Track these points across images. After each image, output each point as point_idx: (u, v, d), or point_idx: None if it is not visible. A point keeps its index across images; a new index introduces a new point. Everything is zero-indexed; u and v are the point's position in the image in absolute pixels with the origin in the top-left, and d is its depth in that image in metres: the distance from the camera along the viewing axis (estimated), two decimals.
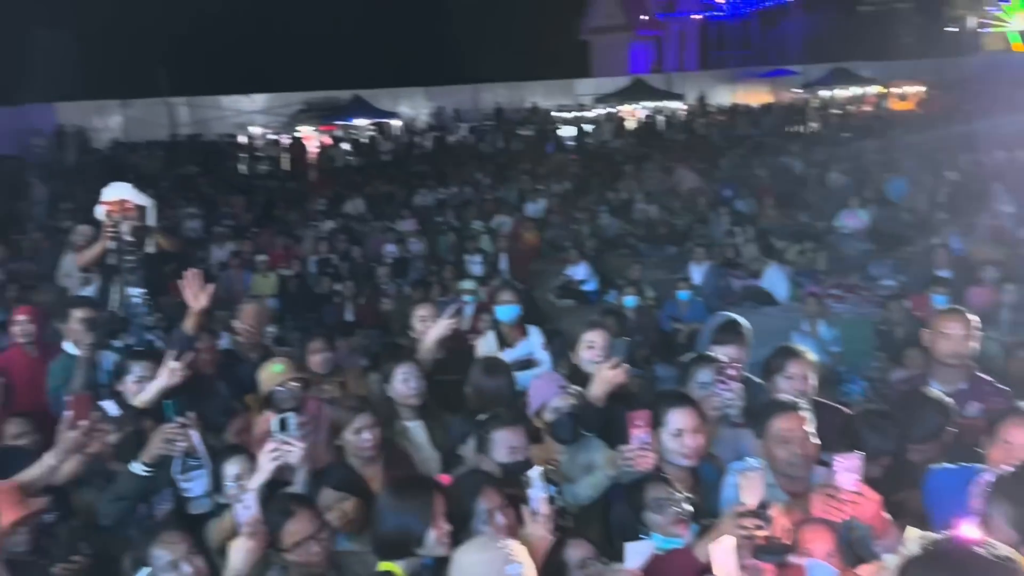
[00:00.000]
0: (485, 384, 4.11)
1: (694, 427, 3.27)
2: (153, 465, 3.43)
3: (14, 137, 24.05)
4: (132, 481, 3.40)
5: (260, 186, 19.65)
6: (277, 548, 2.85)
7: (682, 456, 3.25)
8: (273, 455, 3.05)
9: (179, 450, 3.42)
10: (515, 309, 5.25)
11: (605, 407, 3.64)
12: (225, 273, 11.97)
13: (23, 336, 5.37)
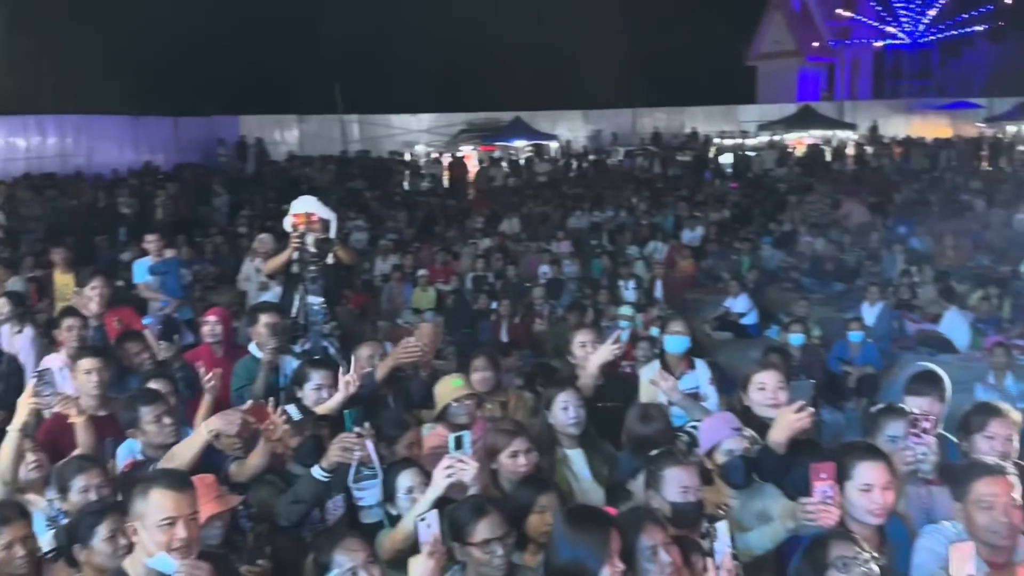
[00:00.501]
0: (640, 430, 4.01)
1: (884, 483, 3.05)
2: (330, 471, 3.55)
3: (202, 147, 26.06)
4: (311, 485, 3.54)
5: (422, 202, 20.31)
6: (463, 542, 2.89)
7: (870, 513, 3.04)
8: (448, 472, 3.09)
9: (355, 459, 3.53)
10: (685, 341, 5.13)
11: (784, 456, 3.47)
12: (387, 285, 12.45)
13: (211, 336, 5.74)
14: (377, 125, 29.10)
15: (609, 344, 4.54)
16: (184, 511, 2.71)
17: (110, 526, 2.86)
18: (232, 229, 16.72)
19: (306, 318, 5.89)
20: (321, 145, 27.41)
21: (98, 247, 13.63)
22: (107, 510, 2.91)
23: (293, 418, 3.82)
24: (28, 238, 14.27)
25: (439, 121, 29.34)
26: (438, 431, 4.12)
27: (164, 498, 2.70)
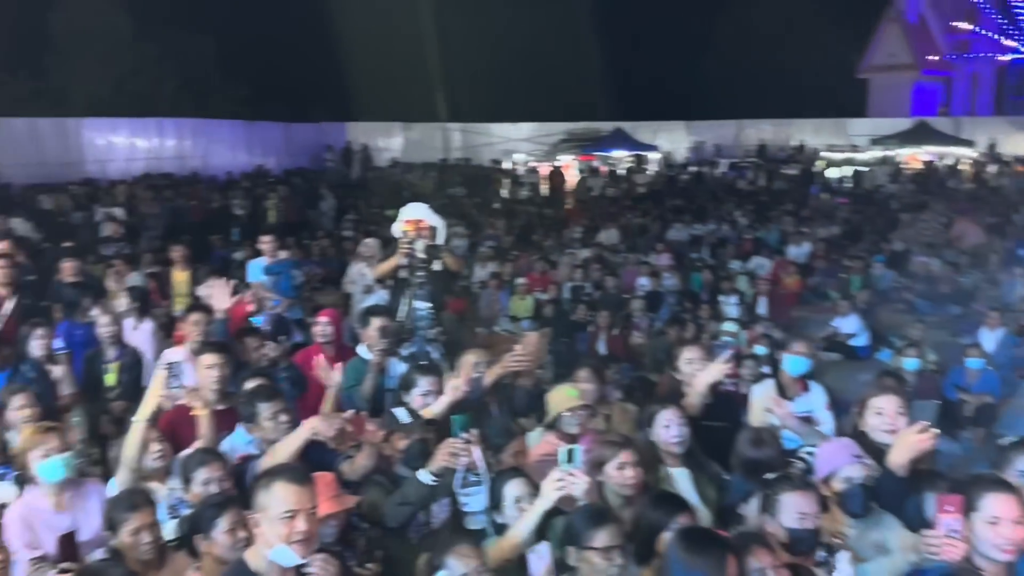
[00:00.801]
0: (752, 454, 3.91)
1: (1015, 517, 2.89)
2: (437, 475, 3.59)
3: (311, 152, 26.91)
4: (418, 488, 3.58)
5: (520, 211, 20.41)
6: (580, 547, 2.89)
7: (998, 548, 2.88)
8: (558, 485, 3.08)
9: (462, 464, 3.56)
10: (806, 363, 4.98)
11: (904, 482, 3.33)
12: (484, 292, 12.56)
13: (323, 336, 5.90)
14: (478, 134, 29.45)
15: (720, 363, 4.45)
16: (305, 505, 2.78)
17: (231, 519, 2.96)
18: (337, 232, 17.21)
19: (412, 322, 5.99)
20: (423, 152, 27.92)
21: (212, 246, 14.22)
22: (228, 503, 3.01)
23: (401, 421, 3.89)
24: (147, 235, 15.01)
25: (539, 130, 29.46)
26: (548, 439, 4.11)
27: (286, 491, 2.78)
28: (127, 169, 21.20)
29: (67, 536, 3.05)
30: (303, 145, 27.09)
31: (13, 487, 3.97)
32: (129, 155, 22.36)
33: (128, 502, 3.27)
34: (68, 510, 3.73)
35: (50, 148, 20.43)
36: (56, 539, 3.50)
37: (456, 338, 6.58)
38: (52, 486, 3.71)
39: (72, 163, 20.65)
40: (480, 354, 5.14)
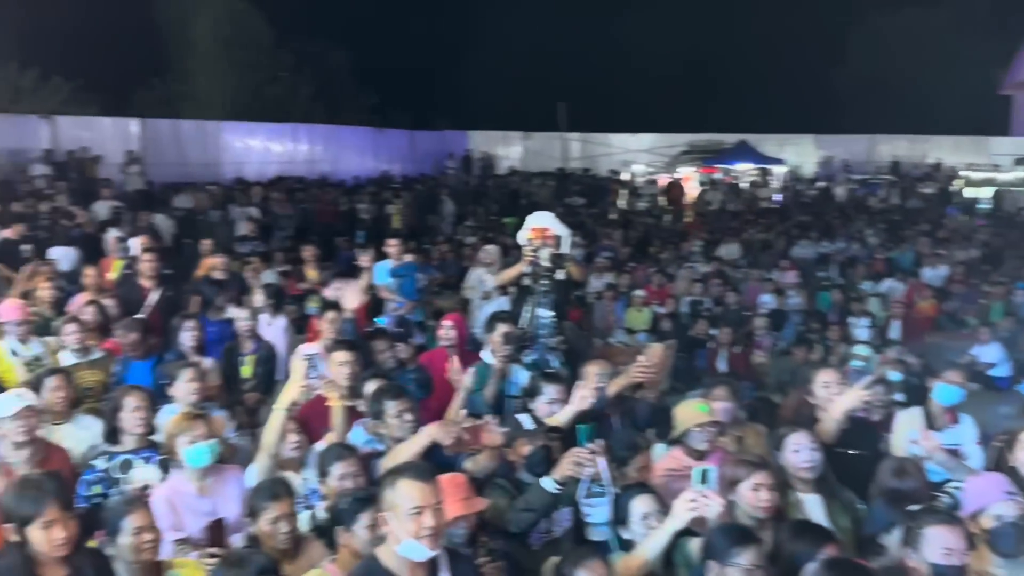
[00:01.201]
0: (894, 484, 3.72)
1: None
2: (561, 484, 3.58)
3: (433, 159, 27.53)
4: (541, 495, 3.59)
5: (638, 222, 20.23)
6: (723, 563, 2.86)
7: None
8: (691, 506, 3.02)
9: (587, 475, 3.54)
10: (960, 392, 4.72)
11: None
12: (599, 303, 12.48)
13: (446, 340, 6.01)
14: (597, 144, 29.39)
15: (859, 389, 4.27)
16: (430, 500, 2.83)
17: (372, 515, 3.04)
18: (457, 238, 17.51)
19: (534, 330, 6.02)
20: (542, 161, 28.08)
21: (338, 248, 14.72)
22: (371, 499, 3.08)
23: (525, 427, 3.91)
24: (279, 235, 15.70)
25: (660, 141, 29.14)
26: (674, 454, 4.05)
27: (412, 488, 2.84)
28: (262, 171, 22.21)
29: (216, 523, 3.19)
30: (426, 152, 27.75)
31: (156, 470, 4.20)
32: (264, 158, 23.44)
33: (270, 491, 3.40)
34: (210, 495, 3.90)
35: (191, 149, 21.65)
36: (203, 524, 3.70)
37: (576, 347, 6.56)
38: (196, 471, 3.89)
39: (210, 164, 21.82)
40: (603, 365, 5.11)
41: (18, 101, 20.44)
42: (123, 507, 3.23)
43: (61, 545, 2.84)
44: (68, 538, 2.86)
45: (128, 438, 4.27)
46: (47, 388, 4.71)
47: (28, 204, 13.19)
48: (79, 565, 2.92)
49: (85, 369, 5.62)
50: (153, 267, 7.67)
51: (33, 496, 2.87)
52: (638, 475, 3.76)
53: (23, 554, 2.83)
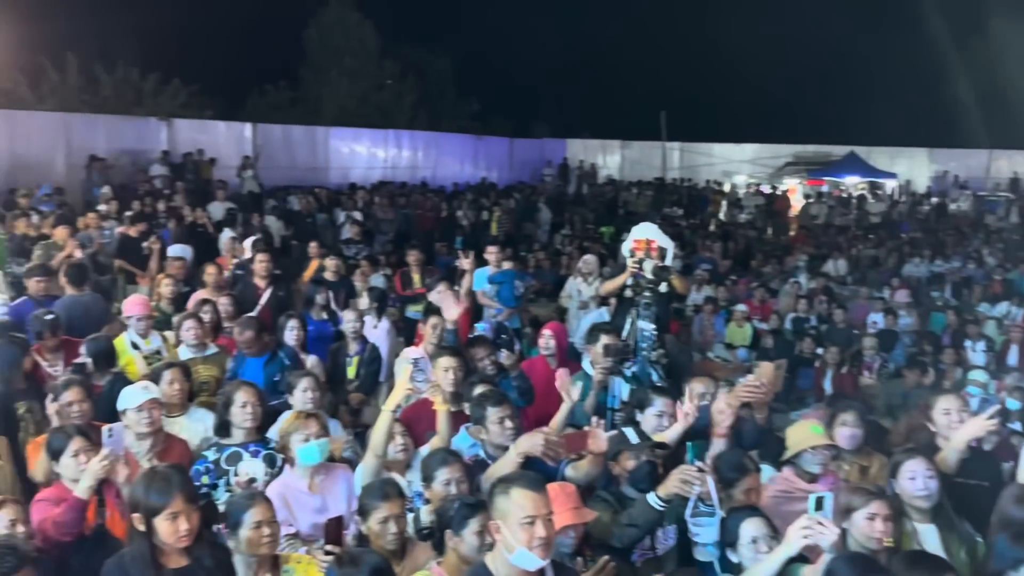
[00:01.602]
0: (1015, 515, 3.52)
1: None
2: (666, 501, 3.53)
3: (532, 166, 27.69)
4: (645, 512, 3.54)
5: (739, 235, 19.82)
6: None
7: None
8: (805, 533, 2.93)
9: (694, 494, 3.48)
10: None
11: None
12: (698, 317, 12.27)
13: (546, 349, 6.02)
14: (698, 153, 28.97)
15: (985, 419, 4.06)
16: (542, 511, 2.84)
17: (481, 521, 3.07)
18: (553, 246, 17.54)
19: (635, 343, 5.96)
20: (641, 171, 27.87)
21: (437, 253, 14.95)
22: (481, 505, 3.11)
23: (631, 441, 3.87)
24: (380, 239, 16.06)
25: (763, 152, 28.50)
26: (785, 476, 3.95)
27: (524, 498, 2.85)
28: (366, 176, 22.80)
29: (335, 520, 3.26)
30: (525, 160, 27.94)
31: (262, 464, 4.34)
32: (368, 163, 24.05)
33: (381, 491, 3.46)
34: (320, 492, 4.01)
35: (300, 153, 22.41)
36: (313, 521, 3.81)
37: (678, 362, 6.47)
38: (308, 468, 4.01)
39: (318, 168, 22.54)
40: (706, 382, 5.02)
41: (139, 104, 21.55)
42: (244, 501, 3.34)
43: (185, 536, 2.96)
44: (191, 529, 2.98)
45: (237, 431, 4.43)
46: (164, 381, 4.92)
47: (146, 203, 13.88)
48: (199, 556, 3.03)
49: (200, 364, 5.87)
50: (266, 267, 7.97)
51: (161, 488, 2.99)
52: (745, 497, 3.67)
53: (149, 543, 2.96)
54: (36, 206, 12.90)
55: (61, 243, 8.95)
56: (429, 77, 29.02)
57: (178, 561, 2.98)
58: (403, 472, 4.21)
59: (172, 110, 21.21)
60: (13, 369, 5.06)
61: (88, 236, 10.04)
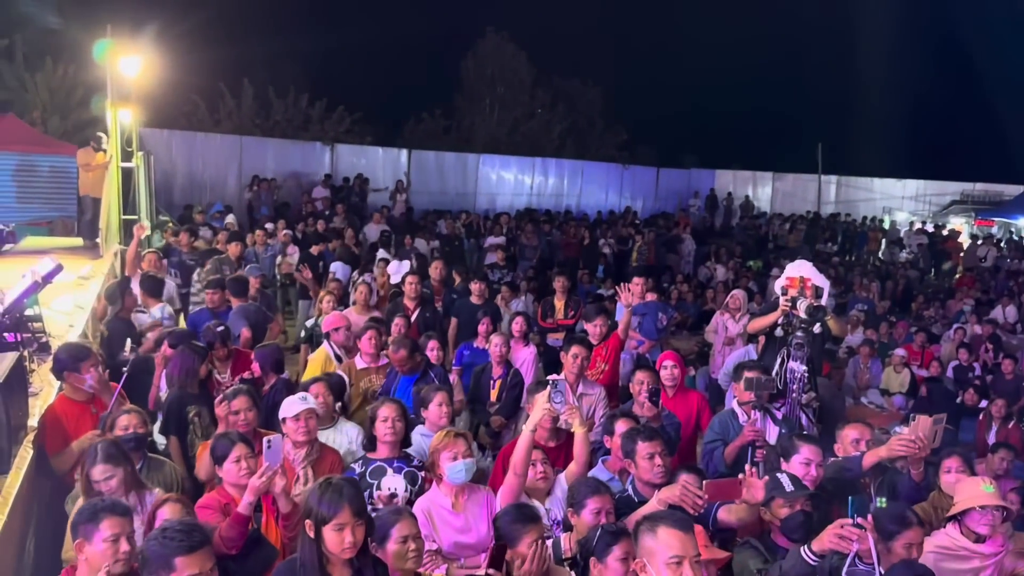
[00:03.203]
0: None
1: None
2: (820, 556, 3.38)
3: (678, 197, 27.35)
4: (798, 565, 3.39)
5: (899, 275, 18.82)
6: None
7: None
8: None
9: (853, 550, 3.30)
10: None
11: None
12: (853, 359, 11.71)
13: (670, 380, 5.92)
14: (856, 188, 27.74)
15: None
16: (689, 552, 2.81)
17: (624, 548, 3.05)
18: (696, 279, 17.23)
19: (785, 384, 5.75)
20: (794, 204, 26.97)
21: (580, 281, 14.99)
22: (623, 533, 3.09)
23: (785, 488, 3.73)
24: (523, 265, 16.28)
25: (927, 189, 26.96)
26: (949, 532, 3.70)
27: (672, 537, 2.82)
28: (512, 203, 23.22)
29: (501, 546, 3.30)
30: (671, 189, 27.65)
31: (403, 480, 4.45)
32: (515, 190, 24.49)
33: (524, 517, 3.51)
34: (463, 511, 4.09)
35: (451, 179, 23.10)
36: (455, 539, 3.88)
37: (830, 406, 6.19)
38: (453, 487, 4.10)
39: (468, 194, 23.15)
40: (861, 429, 4.78)
41: (306, 129, 22.84)
42: (392, 516, 3.45)
43: (349, 548, 3.06)
44: (355, 542, 3.08)
45: (381, 447, 4.57)
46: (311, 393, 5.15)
47: (308, 223, 14.68)
48: (362, 568, 3.13)
49: (374, 374, 6.23)
50: (416, 289, 8.26)
51: (332, 499, 3.10)
52: (905, 552, 3.44)
53: (318, 550, 3.09)
54: (209, 222, 13.91)
55: (233, 258, 9.59)
56: (579, 107, 29.25)
57: (342, 572, 3.09)
58: (543, 500, 4.22)
59: (336, 136, 22.35)
60: (190, 376, 5.44)
61: (254, 253, 10.75)
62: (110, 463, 3.88)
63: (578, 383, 6.02)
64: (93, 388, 4.86)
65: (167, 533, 2.80)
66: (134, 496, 3.97)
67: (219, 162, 18.60)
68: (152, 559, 2.78)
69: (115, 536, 3.17)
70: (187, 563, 2.75)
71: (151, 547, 2.80)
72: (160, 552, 2.76)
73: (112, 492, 3.82)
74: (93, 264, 9.70)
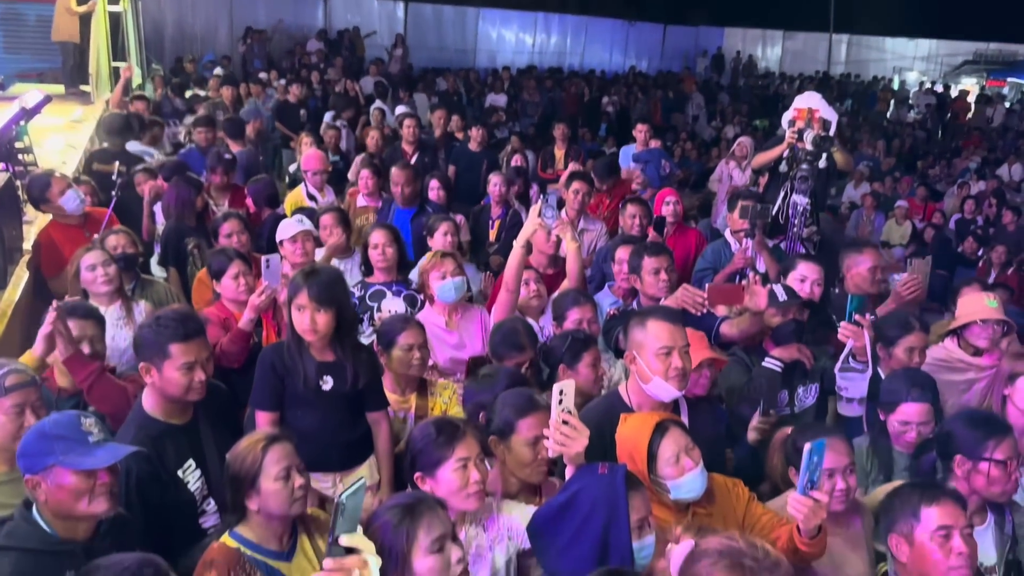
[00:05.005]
0: None
1: None
2: (783, 361, 3.42)
3: (685, 55, 26.48)
4: (766, 372, 3.42)
5: (906, 133, 18.51)
6: None
7: None
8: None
9: (850, 348, 3.30)
10: None
11: None
12: (856, 212, 11.67)
13: (672, 217, 5.88)
14: (867, 47, 26.85)
15: None
16: (679, 342, 2.84)
17: (593, 355, 3.34)
18: (701, 137, 16.95)
19: (786, 218, 5.68)
20: (803, 63, 26.18)
21: (580, 138, 14.71)
22: (592, 341, 3.18)
23: (778, 298, 3.72)
24: (525, 122, 15.96)
25: (940, 49, 26.11)
26: (947, 345, 3.71)
27: (662, 329, 2.84)
28: (513, 61, 22.53)
29: (477, 359, 3.39)
30: (678, 48, 26.74)
31: (403, 303, 4.48)
32: (516, 48, 23.74)
33: (513, 335, 3.56)
34: (457, 329, 4.13)
35: (449, 35, 22.33)
36: (450, 356, 3.96)
37: (831, 241, 6.13)
38: (445, 306, 4.12)
39: (467, 51, 22.43)
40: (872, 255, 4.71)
41: None
42: (400, 324, 3.50)
43: (308, 331, 3.04)
44: (316, 328, 3.02)
45: (377, 272, 4.58)
46: (323, 224, 5.13)
47: (303, 75, 14.28)
48: (343, 358, 3.12)
49: (372, 212, 6.19)
50: (413, 133, 8.13)
51: (297, 280, 3.11)
52: (906, 357, 3.45)
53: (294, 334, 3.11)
54: (202, 72, 13.54)
55: (227, 103, 9.36)
56: None
57: (323, 354, 3.12)
58: (536, 317, 4.25)
59: None
60: (186, 207, 5.37)
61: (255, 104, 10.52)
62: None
63: (579, 219, 5.99)
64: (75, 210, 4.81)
65: (161, 321, 2.80)
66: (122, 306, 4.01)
67: (209, 13, 17.96)
68: (146, 345, 2.79)
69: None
70: (182, 350, 2.76)
71: (145, 334, 2.81)
72: (154, 339, 2.77)
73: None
74: (84, 108, 9.48)
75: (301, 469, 2.42)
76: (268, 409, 3.12)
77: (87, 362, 3.15)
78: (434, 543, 2.00)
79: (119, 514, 2.37)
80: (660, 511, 2.47)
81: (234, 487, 2.38)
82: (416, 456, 2.48)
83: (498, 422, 2.71)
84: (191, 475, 2.79)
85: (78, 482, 2.20)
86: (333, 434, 3.14)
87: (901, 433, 3.10)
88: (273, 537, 2.41)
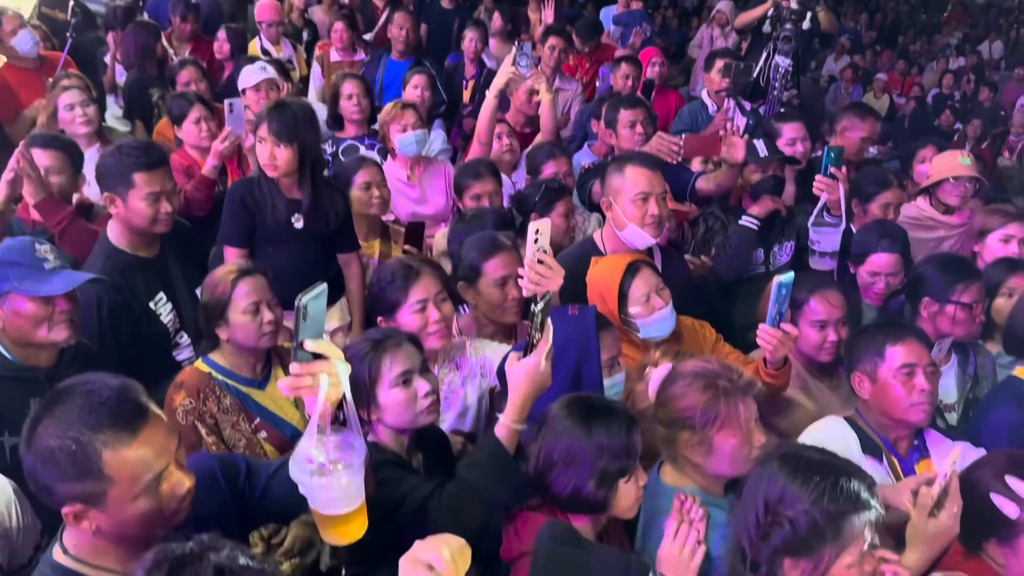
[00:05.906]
0: None
1: None
2: (758, 218, 3.41)
3: None
4: (742, 229, 3.41)
5: (888, 7, 18.12)
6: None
7: None
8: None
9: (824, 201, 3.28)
10: None
11: None
12: (835, 85, 11.52)
13: (659, 79, 5.75)
14: None
15: None
16: (656, 189, 2.80)
17: (566, 205, 3.31)
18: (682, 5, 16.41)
19: (767, 80, 5.57)
20: None
21: None
22: (566, 191, 3.14)
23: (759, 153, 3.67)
24: None
25: None
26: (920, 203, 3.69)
27: (639, 175, 2.79)
28: None
29: (417, 225, 3.41)
30: None
31: (376, 156, 4.33)
32: None
33: (474, 170, 3.52)
34: (419, 183, 4.04)
35: None
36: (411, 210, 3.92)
37: (811, 104, 6.05)
38: (407, 159, 4.01)
39: None
40: None
41: None
42: (356, 163, 3.43)
43: (269, 165, 3.01)
44: (275, 161, 2.99)
45: (349, 125, 4.43)
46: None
47: None
48: (310, 193, 3.09)
49: (347, 66, 5.87)
50: None
51: (260, 116, 3.09)
52: (881, 212, 3.44)
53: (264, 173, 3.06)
54: None
55: None
56: None
57: (292, 192, 3.08)
58: (509, 172, 4.18)
59: None
60: (147, 55, 5.09)
61: None
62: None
63: (554, 77, 5.82)
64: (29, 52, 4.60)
65: (124, 149, 2.71)
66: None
67: None
68: (110, 174, 2.70)
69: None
70: (146, 179, 2.67)
71: (108, 162, 2.72)
72: (117, 168, 2.68)
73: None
74: None
75: (272, 304, 2.40)
76: (236, 245, 3.06)
77: (60, 206, 3.05)
78: (398, 377, 1.99)
79: (83, 343, 2.34)
80: (629, 350, 2.49)
81: (206, 315, 2.38)
82: (375, 299, 2.49)
83: (464, 267, 2.69)
84: (163, 307, 2.76)
85: (36, 309, 2.15)
86: (304, 273, 3.06)
87: (870, 285, 3.12)
88: (246, 365, 2.42)
